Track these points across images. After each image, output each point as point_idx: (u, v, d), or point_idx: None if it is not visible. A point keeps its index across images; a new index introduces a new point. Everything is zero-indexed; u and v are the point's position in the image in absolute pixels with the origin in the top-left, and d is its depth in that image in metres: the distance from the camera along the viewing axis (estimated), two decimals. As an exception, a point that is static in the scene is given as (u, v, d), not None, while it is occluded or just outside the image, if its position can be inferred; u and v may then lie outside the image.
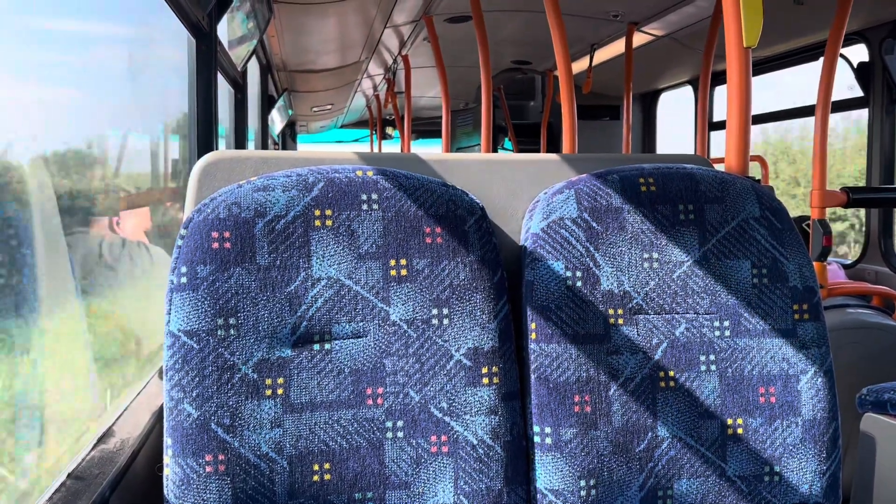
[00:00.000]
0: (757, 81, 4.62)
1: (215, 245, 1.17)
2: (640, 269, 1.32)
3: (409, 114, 6.14)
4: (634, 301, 1.31)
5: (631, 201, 1.34)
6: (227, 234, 1.18)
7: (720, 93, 5.35)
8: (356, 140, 12.70)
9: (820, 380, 1.33)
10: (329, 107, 9.09)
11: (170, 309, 1.16)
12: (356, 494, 1.19)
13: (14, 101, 1.22)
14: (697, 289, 1.33)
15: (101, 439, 1.19)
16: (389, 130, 10.75)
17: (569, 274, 1.29)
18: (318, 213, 1.22)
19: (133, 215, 1.91)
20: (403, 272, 1.24)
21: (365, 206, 1.24)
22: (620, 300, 1.30)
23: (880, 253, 3.69)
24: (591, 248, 1.31)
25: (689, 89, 5.71)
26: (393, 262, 1.24)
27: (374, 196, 1.25)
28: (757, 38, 1.45)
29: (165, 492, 1.13)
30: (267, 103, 6.00)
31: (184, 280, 1.16)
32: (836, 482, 1.34)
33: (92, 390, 1.49)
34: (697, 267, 1.33)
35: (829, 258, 3.66)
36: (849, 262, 3.87)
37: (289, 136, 11.33)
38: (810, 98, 3.41)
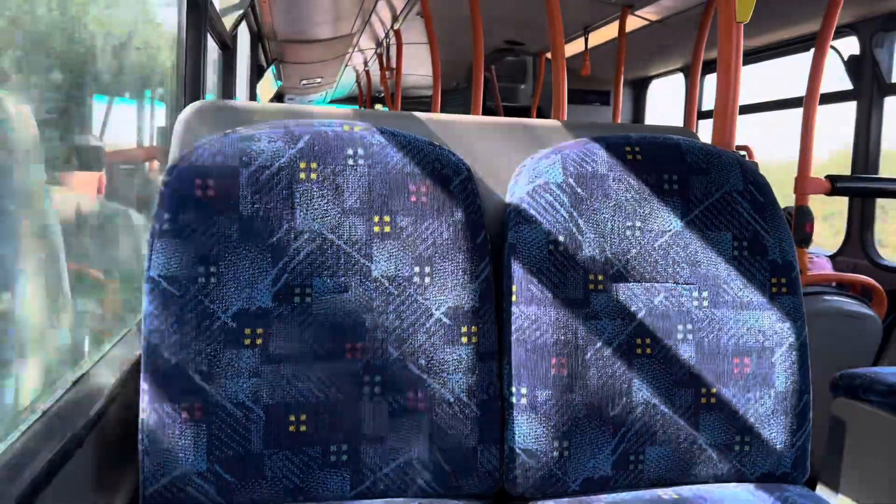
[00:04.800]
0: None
1: (199, 192, 1.17)
2: (623, 237, 1.33)
3: (398, 91, 6.11)
4: (615, 268, 1.32)
5: (617, 169, 1.34)
6: (210, 183, 1.17)
7: (710, 83, 5.37)
8: None
9: (794, 353, 1.34)
10: (318, 80, 9.03)
11: (151, 254, 1.16)
12: (331, 447, 1.19)
13: None
14: (678, 258, 1.34)
15: (79, 382, 1.18)
16: (379, 108, 10.69)
17: (552, 238, 1.30)
18: (303, 165, 1.21)
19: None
20: (387, 229, 1.23)
21: (351, 161, 1.23)
22: (601, 266, 1.31)
23: (860, 245, 3.73)
24: (575, 214, 1.31)
25: (680, 80, 5.71)
26: (377, 219, 1.23)
27: (361, 151, 1.24)
28: (749, 13, 1.46)
29: (140, 436, 1.13)
30: (256, 72, 5.95)
31: (166, 226, 1.16)
32: (805, 455, 1.36)
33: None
34: (679, 237, 1.34)
35: (817, 249, 3.69)
36: (828, 253, 3.91)
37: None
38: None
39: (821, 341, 2.54)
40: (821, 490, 2.05)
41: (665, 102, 6.26)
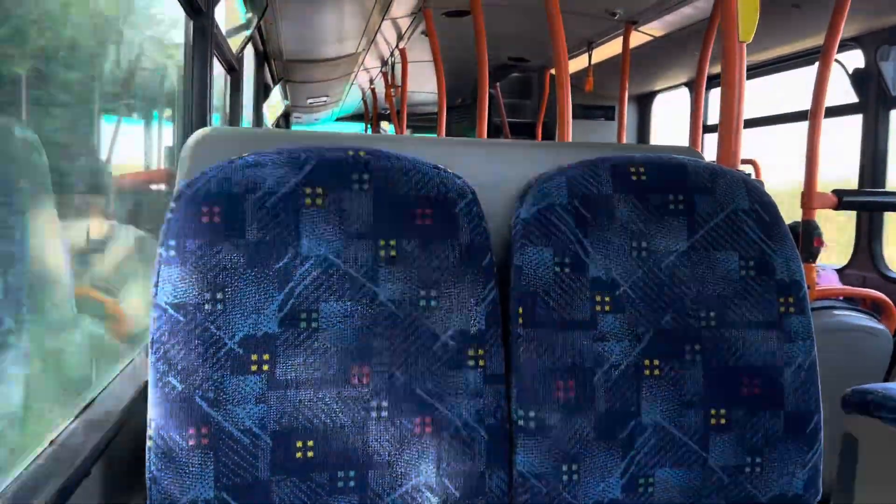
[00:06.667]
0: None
1: (205, 219, 1.17)
2: (629, 258, 1.32)
3: (404, 108, 6.14)
4: (621, 289, 1.31)
5: (621, 190, 1.34)
6: (216, 209, 1.18)
7: (716, 96, 5.37)
8: None
9: (804, 373, 1.34)
10: (325, 98, 9.09)
11: (157, 281, 1.16)
12: (339, 472, 1.18)
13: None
14: (685, 279, 1.33)
15: (85, 410, 1.19)
16: (385, 125, 10.74)
17: (557, 260, 1.30)
18: (308, 191, 1.22)
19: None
20: (392, 253, 1.24)
21: (356, 186, 1.24)
22: (608, 288, 1.31)
23: (869, 258, 3.72)
24: (581, 235, 1.31)
25: (685, 92, 5.72)
26: (382, 243, 1.23)
27: (366, 176, 1.25)
28: (752, 33, 1.46)
29: (148, 463, 1.13)
30: (262, 92, 5.98)
31: (172, 253, 1.16)
32: (817, 476, 1.35)
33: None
34: (685, 257, 1.34)
35: (824, 264, 3.68)
36: (837, 267, 3.89)
37: (283, 127, 11.32)
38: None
39: (831, 357, 2.52)
40: None
41: (671, 115, 6.27)
